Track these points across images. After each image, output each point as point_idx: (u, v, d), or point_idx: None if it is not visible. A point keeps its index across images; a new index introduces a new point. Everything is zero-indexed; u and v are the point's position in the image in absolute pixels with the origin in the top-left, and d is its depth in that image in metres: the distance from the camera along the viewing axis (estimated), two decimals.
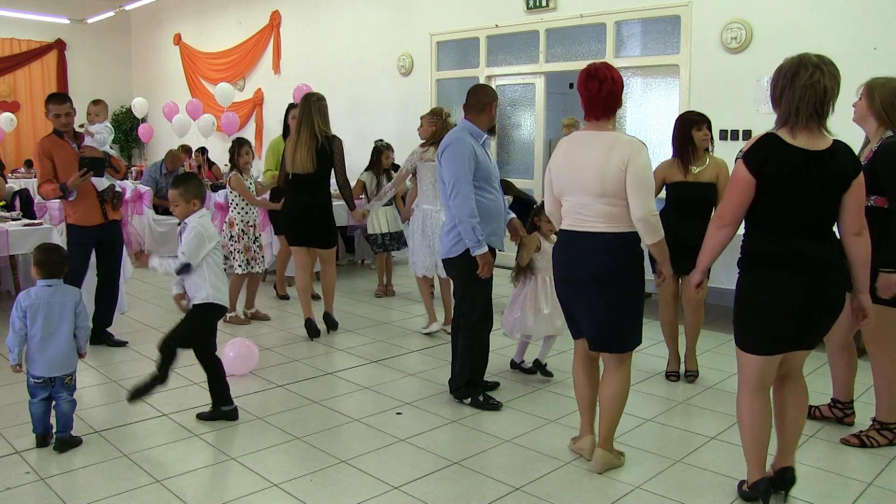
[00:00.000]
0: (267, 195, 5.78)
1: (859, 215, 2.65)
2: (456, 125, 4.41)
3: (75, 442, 3.42)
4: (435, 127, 5.21)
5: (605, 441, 3.17)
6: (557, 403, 4.01)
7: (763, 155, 2.57)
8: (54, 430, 3.40)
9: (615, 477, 3.13)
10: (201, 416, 3.74)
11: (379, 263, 6.89)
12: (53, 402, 3.37)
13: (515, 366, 4.54)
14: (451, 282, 5.26)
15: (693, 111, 4.37)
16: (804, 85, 2.51)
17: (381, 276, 6.85)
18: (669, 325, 4.43)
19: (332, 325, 5.43)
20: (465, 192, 3.67)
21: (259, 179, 5.65)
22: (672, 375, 4.44)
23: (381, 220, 6.63)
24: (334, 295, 5.51)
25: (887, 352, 3.34)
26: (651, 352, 4.96)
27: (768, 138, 2.60)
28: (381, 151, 6.69)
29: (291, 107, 6.06)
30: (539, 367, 4.44)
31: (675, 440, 3.55)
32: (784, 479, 2.84)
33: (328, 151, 4.96)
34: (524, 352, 4.52)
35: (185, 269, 3.54)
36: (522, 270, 4.28)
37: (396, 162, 7.61)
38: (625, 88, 3.08)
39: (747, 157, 2.59)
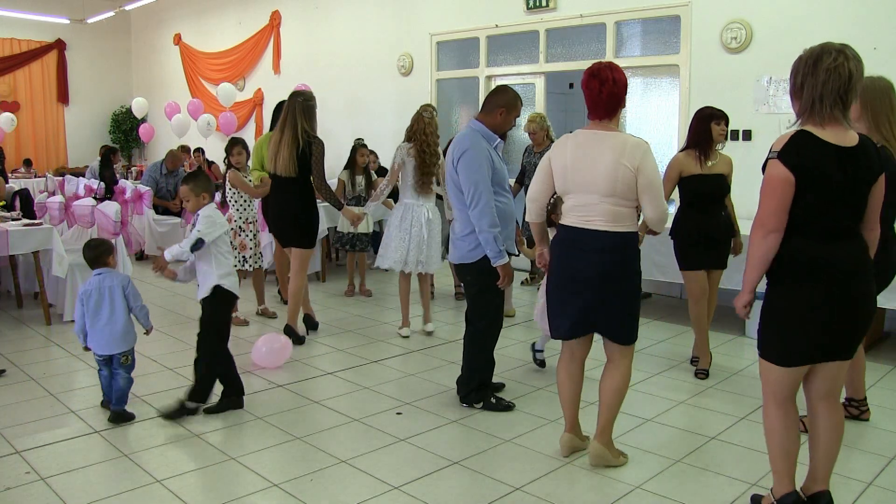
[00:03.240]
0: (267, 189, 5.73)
1: (876, 210, 2.54)
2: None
3: (128, 417, 3.69)
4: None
5: (601, 434, 3.15)
6: (557, 403, 3.98)
7: (800, 152, 2.39)
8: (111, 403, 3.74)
9: (615, 477, 3.13)
10: (210, 411, 3.81)
11: (349, 263, 6.86)
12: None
13: (534, 351, 4.55)
14: (431, 279, 5.25)
15: (712, 106, 4.37)
16: (828, 69, 2.36)
17: (350, 275, 6.81)
18: (698, 320, 4.43)
19: (296, 340, 4.97)
20: (485, 200, 3.60)
21: (248, 179, 5.60)
22: (701, 373, 4.43)
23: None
24: (299, 306, 5.16)
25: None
26: (651, 351, 4.96)
27: (802, 135, 2.42)
28: (355, 150, 6.70)
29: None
30: (533, 353, 4.52)
31: (675, 440, 3.55)
32: None
33: (308, 154, 4.86)
34: (546, 341, 4.47)
35: (198, 244, 3.60)
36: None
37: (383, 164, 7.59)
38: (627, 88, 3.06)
39: (784, 155, 2.40)
